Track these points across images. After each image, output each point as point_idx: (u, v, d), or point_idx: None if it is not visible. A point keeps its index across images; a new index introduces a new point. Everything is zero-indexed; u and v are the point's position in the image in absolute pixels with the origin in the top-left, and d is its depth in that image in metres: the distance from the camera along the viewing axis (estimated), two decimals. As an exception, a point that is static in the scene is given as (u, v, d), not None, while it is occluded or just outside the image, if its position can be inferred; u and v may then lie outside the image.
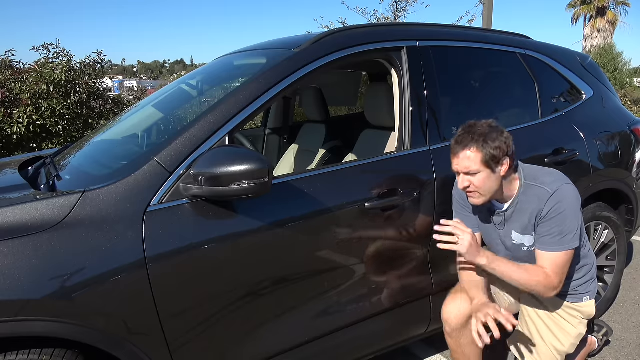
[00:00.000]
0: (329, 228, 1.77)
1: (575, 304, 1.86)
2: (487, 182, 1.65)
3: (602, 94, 2.76)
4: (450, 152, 1.71)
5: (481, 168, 1.63)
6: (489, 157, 1.62)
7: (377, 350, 2.03)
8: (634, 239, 3.92)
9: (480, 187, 1.66)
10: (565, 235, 1.65)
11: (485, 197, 1.69)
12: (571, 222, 1.66)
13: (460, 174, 1.68)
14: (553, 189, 1.66)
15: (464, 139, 1.65)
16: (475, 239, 1.68)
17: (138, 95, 8.64)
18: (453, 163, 1.70)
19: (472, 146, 1.63)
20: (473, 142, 1.63)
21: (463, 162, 1.65)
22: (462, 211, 1.92)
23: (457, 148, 1.66)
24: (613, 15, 22.98)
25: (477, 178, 1.65)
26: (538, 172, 1.75)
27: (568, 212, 1.65)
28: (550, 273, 1.67)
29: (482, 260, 1.68)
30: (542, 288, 1.67)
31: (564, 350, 1.88)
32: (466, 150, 1.64)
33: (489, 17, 8.58)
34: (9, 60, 5.85)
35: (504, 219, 1.80)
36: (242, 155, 1.49)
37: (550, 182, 1.69)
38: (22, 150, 5.34)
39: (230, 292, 1.60)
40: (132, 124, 2.35)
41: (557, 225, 1.66)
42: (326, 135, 2.90)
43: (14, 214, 1.37)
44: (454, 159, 1.68)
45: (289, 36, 2.42)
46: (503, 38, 2.53)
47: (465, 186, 1.67)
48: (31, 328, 1.29)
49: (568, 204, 1.66)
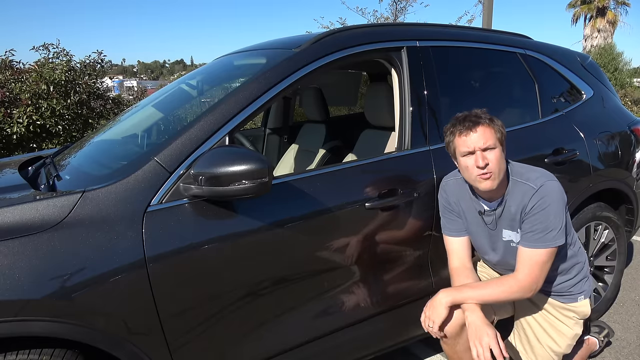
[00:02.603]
0: (329, 228, 1.77)
1: (570, 304, 1.85)
2: (501, 161, 1.66)
3: (602, 94, 2.76)
4: (457, 135, 1.67)
5: (497, 143, 1.64)
6: (500, 134, 1.65)
7: (377, 351, 2.03)
8: (634, 239, 3.92)
9: (496, 164, 1.64)
10: (548, 232, 1.64)
11: (497, 179, 1.66)
12: (555, 218, 1.64)
13: (475, 153, 1.64)
14: (537, 185, 1.66)
15: (471, 119, 1.65)
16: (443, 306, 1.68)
17: (138, 95, 8.64)
18: (464, 144, 1.65)
19: (484, 122, 1.64)
20: (483, 119, 1.65)
21: (481, 137, 1.62)
22: (448, 215, 1.91)
23: (468, 126, 1.64)
24: (613, 15, 22.98)
25: (494, 155, 1.63)
26: (523, 169, 1.75)
27: (552, 208, 1.64)
28: (522, 275, 1.66)
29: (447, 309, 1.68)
30: (519, 294, 1.68)
31: (560, 351, 1.88)
32: (480, 126, 1.63)
33: (488, 17, 8.58)
34: (9, 60, 5.85)
35: (494, 218, 1.79)
36: (242, 155, 1.49)
37: (534, 179, 1.68)
38: (22, 150, 5.34)
39: (230, 292, 1.60)
40: (132, 124, 2.35)
41: (540, 221, 1.64)
42: (326, 135, 2.90)
43: (14, 214, 1.37)
44: (467, 137, 1.64)
45: (289, 36, 2.42)
46: (503, 38, 2.53)
47: (485, 164, 1.63)
48: (31, 328, 1.29)
49: (552, 199, 1.65)
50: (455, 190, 1.86)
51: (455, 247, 1.89)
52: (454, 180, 1.88)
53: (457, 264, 1.87)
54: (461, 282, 1.80)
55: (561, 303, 1.85)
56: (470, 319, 1.65)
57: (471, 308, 1.67)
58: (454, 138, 1.69)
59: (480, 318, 1.64)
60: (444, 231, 1.93)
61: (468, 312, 1.67)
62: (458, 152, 1.69)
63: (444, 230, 1.93)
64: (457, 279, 1.83)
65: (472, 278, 1.81)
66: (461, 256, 1.88)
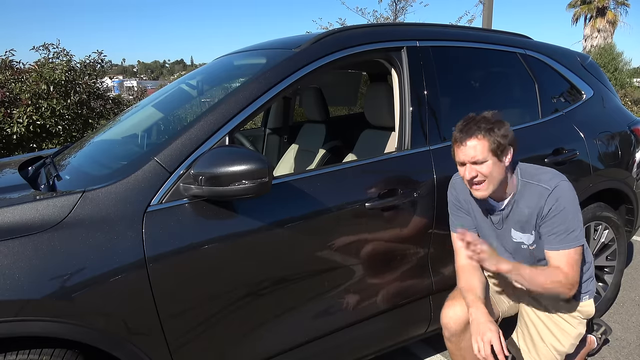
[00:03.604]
0: (328, 228, 1.77)
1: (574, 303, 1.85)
2: (494, 171, 1.63)
3: (602, 94, 2.76)
4: (454, 143, 1.68)
5: (488, 156, 1.62)
6: (495, 145, 1.61)
7: (377, 351, 2.03)
8: (634, 239, 3.92)
9: (487, 176, 1.63)
10: (571, 232, 1.65)
11: (490, 189, 1.66)
12: (574, 218, 1.66)
13: (466, 165, 1.65)
14: (552, 186, 1.66)
15: (470, 128, 1.63)
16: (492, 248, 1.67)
17: (138, 95, 8.64)
18: (458, 154, 1.66)
19: (478, 134, 1.61)
20: (480, 130, 1.61)
21: (470, 151, 1.62)
22: (457, 213, 1.91)
23: (462, 137, 1.63)
24: (613, 15, 22.98)
25: (485, 167, 1.62)
26: (534, 170, 1.75)
27: (569, 209, 1.65)
28: (568, 271, 1.66)
29: (507, 266, 1.63)
30: (563, 288, 1.66)
31: (563, 350, 1.88)
32: (473, 138, 1.62)
33: (489, 17, 8.58)
34: (9, 60, 5.85)
35: (501, 218, 1.79)
36: (242, 155, 1.49)
37: (547, 180, 1.68)
38: (22, 150, 5.34)
39: (230, 292, 1.60)
40: (132, 124, 2.35)
41: (560, 223, 1.65)
42: (326, 135, 2.89)
43: (14, 214, 1.37)
44: (459, 148, 1.65)
45: (289, 36, 2.42)
46: (503, 38, 2.53)
47: (473, 176, 1.64)
48: (31, 328, 1.29)
49: (568, 200, 1.65)
50: (463, 188, 1.85)
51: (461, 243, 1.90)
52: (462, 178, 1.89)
53: (463, 262, 1.85)
54: (467, 280, 1.80)
55: (566, 302, 1.86)
56: (474, 316, 1.67)
57: (475, 305, 1.69)
58: (453, 144, 1.70)
59: (484, 315, 1.65)
60: (452, 228, 1.93)
61: (472, 309, 1.68)
62: (455, 159, 1.71)
63: (452, 227, 1.93)
64: (463, 277, 1.83)
65: (478, 276, 1.81)
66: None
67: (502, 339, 1.60)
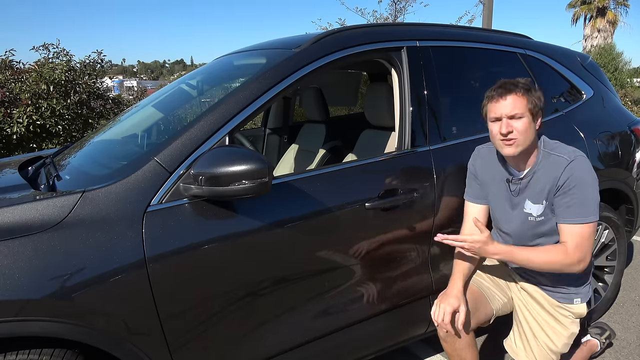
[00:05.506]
0: (329, 228, 1.77)
1: (566, 304, 1.85)
2: (528, 130, 1.68)
3: (603, 93, 2.76)
4: (488, 101, 1.73)
5: (525, 113, 1.67)
6: (532, 105, 1.68)
7: (377, 350, 2.03)
8: (634, 239, 3.92)
9: (521, 133, 1.67)
10: (586, 205, 1.66)
11: (520, 149, 1.69)
12: (591, 191, 1.68)
13: (502, 120, 1.69)
14: (571, 158, 1.69)
15: (509, 85, 1.70)
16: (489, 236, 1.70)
17: (138, 95, 8.65)
18: (494, 109, 1.70)
19: (518, 92, 1.68)
20: (519, 88, 1.69)
21: (509, 105, 1.67)
22: (473, 182, 1.96)
23: (502, 92, 1.69)
24: (613, 15, 22.98)
25: (520, 123, 1.67)
26: (556, 144, 1.79)
27: (587, 180, 1.67)
28: (572, 249, 1.67)
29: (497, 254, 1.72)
30: (564, 266, 1.68)
31: (557, 350, 1.88)
32: (513, 94, 1.68)
33: (489, 17, 8.58)
34: (9, 60, 5.85)
35: (519, 187, 1.81)
36: (242, 155, 1.49)
37: (567, 152, 1.72)
38: (22, 150, 5.34)
39: (230, 292, 1.60)
40: (132, 124, 2.35)
41: (577, 194, 1.67)
42: (326, 135, 2.90)
43: (14, 214, 1.37)
44: (497, 103, 1.70)
45: (289, 36, 2.42)
46: (503, 38, 2.53)
47: (508, 131, 1.68)
48: (31, 328, 1.29)
49: (585, 172, 1.68)
50: (486, 156, 1.91)
51: (472, 211, 1.95)
52: (487, 147, 1.94)
53: (468, 231, 1.90)
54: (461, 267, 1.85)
55: (558, 302, 1.86)
56: (448, 289, 1.79)
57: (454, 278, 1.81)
58: (487, 102, 1.75)
59: (455, 288, 1.77)
60: (465, 196, 2.00)
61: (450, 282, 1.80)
62: (488, 117, 1.75)
63: (465, 195, 2.00)
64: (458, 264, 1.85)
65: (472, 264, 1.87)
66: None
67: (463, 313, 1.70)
